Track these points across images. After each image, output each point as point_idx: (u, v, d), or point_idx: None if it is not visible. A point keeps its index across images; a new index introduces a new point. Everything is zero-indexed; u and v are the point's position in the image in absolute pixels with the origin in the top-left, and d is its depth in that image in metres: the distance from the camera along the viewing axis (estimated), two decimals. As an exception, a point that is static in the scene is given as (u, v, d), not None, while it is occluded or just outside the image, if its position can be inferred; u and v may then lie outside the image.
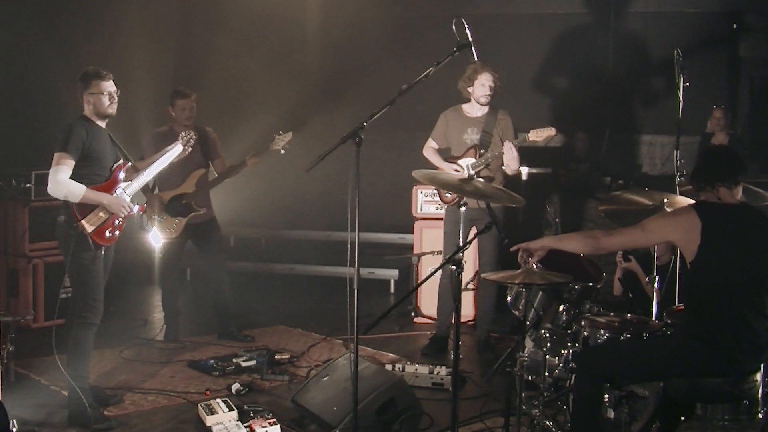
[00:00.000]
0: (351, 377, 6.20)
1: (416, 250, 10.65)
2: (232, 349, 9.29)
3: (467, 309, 10.33)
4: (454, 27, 6.01)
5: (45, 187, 9.61)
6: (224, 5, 13.25)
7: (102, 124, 7.22)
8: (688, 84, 7.65)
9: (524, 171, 11.34)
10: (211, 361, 8.62)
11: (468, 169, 8.93)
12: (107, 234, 7.18)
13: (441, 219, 9.48)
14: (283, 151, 9.34)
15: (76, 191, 6.94)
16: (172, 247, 9.59)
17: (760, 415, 6.11)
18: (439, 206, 10.26)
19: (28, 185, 9.97)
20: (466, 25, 6.00)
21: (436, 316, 9.64)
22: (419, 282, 8.02)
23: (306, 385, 7.37)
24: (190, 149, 7.88)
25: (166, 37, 12.98)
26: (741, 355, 5.51)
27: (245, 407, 7.17)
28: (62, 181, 6.89)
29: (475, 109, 9.09)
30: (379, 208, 11.72)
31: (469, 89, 9.01)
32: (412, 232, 10.95)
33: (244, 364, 8.60)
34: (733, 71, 12.50)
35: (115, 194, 7.19)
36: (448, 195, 9.05)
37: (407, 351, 9.52)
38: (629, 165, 12.46)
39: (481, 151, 8.95)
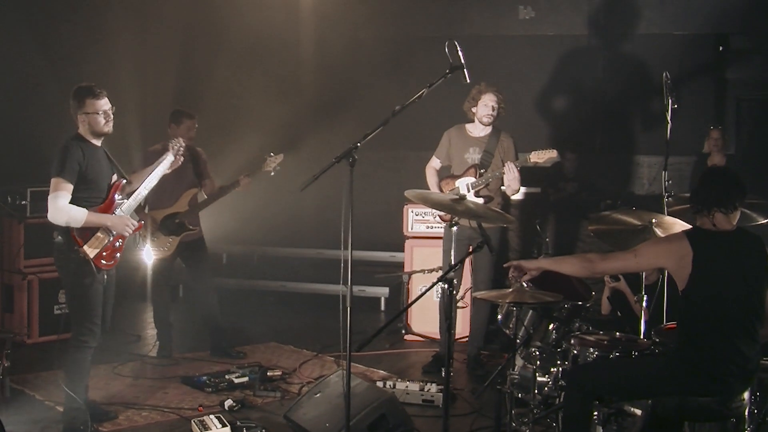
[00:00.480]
0: (344, 394, 6.24)
1: (407, 269, 10.66)
2: (224, 365, 9.27)
3: (461, 327, 10.27)
4: (446, 49, 6.03)
5: (40, 203, 9.81)
6: (220, 26, 13.29)
7: (98, 142, 7.11)
8: (676, 106, 7.68)
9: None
10: (204, 378, 8.62)
11: (468, 189, 8.95)
12: (108, 257, 7.11)
13: (431, 238, 9.56)
14: (273, 173, 9.38)
15: (78, 216, 6.83)
16: (162, 265, 9.58)
17: (747, 430, 6.18)
18: (429, 225, 10.31)
19: (23, 202, 9.98)
20: (458, 48, 6.01)
21: (428, 334, 9.65)
22: (411, 300, 8.04)
23: (298, 401, 7.37)
24: (181, 159, 7.68)
25: (160, 58, 12.99)
26: (731, 379, 5.52)
27: (238, 423, 7.18)
28: (63, 207, 6.78)
29: (478, 129, 9.13)
30: (370, 226, 11.71)
31: (473, 109, 9.04)
32: (403, 251, 10.95)
33: (236, 381, 8.59)
34: (720, 93, 12.56)
35: (114, 214, 7.13)
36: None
37: (398, 368, 9.52)
38: (617, 185, 12.50)
39: (482, 171, 8.98)
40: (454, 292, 8.95)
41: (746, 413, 5.97)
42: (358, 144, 5.85)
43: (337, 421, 6.66)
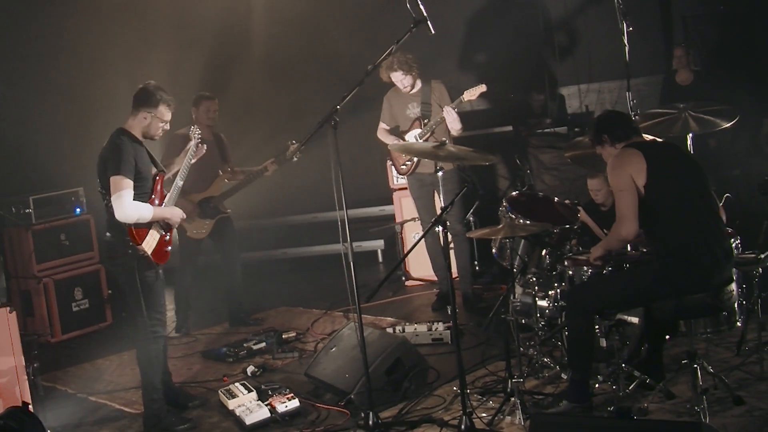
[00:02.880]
0: (358, 344, 6.22)
1: (398, 219, 10.61)
2: (241, 335, 9.24)
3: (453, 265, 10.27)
4: (408, 5, 5.94)
5: (43, 209, 9.74)
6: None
7: (141, 140, 6.85)
8: (631, 29, 7.61)
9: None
10: (224, 349, 8.58)
11: (415, 139, 8.89)
12: (163, 252, 6.91)
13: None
14: (296, 159, 9.27)
15: (146, 213, 6.65)
16: (191, 245, 9.55)
17: (739, 323, 6.19)
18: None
19: (27, 210, 9.82)
20: (419, 1, 5.93)
21: (427, 278, 9.61)
22: (410, 248, 7.86)
23: (316, 358, 7.36)
24: (204, 145, 7.56)
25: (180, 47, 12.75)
26: (714, 258, 5.59)
27: (263, 387, 7.09)
28: (132, 205, 6.53)
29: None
30: (356, 184, 11.67)
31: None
32: (392, 203, 10.92)
33: (255, 347, 8.56)
34: (665, 12, 12.44)
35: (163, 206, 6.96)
36: (403, 167, 9.03)
37: (404, 313, 9.50)
38: (583, 114, 12.39)
39: (425, 121, 8.92)
40: (432, 234, 9.03)
41: (736, 306, 5.99)
42: (338, 107, 5.78)
43: (355, 371, 6.65)
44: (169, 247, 7.02)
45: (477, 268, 10.24)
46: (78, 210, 10.31)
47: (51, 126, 10.89)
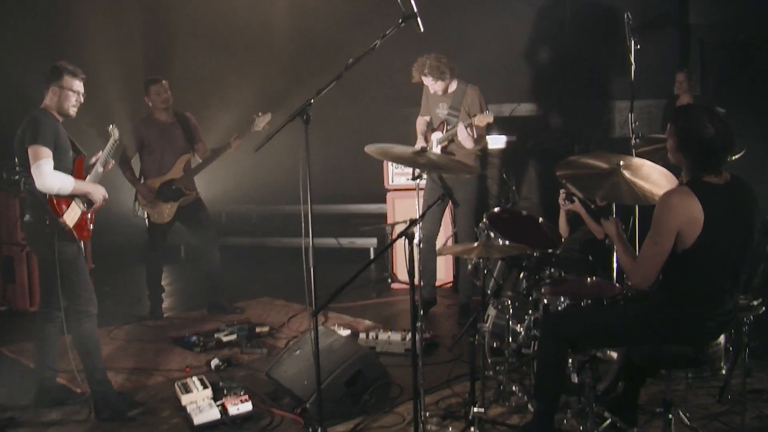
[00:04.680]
0: (321, 351, 5.56)
1: (389, 220, 9.94)
2: (216, 323, 8.60)
3: (444, 273, 9.72)
4: (398, -1, 5.22)
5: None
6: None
7: (60, 119, 6.24)
8: (639, 47, 6.89)
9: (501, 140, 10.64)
10: (194, 338, 7.92)
11: (436, 143, 8.29)
12: (85, 228, 6.30)
13: (412, 189, 8.67)
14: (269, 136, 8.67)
15: (68, 183, 6.05)
16: (159, 229, 8.96)
17: (723, 371, 5.45)
18: (409, 178, 9.51)
19: (16, 177, 9.18)
20: (410, -5, 5.20)
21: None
22: (380, 251, 7.08)
23: (279, 359, 6.67)
24: (117, 139, 6.75)
25: (133, 33, 12.10)
26: (711, 322, 4.76)
27: (220, 384, 6.43)
28: (51, 174, 5.92)
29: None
30: (360, 179, 11.02)
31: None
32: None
33: (224, 339, 7.90)
34: (684, 37, 11.78)
35: None
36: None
37: (384, 317, 8.82)
38: (591, 130, 11.73)
39: (448, 127, 8.24)
40: (428, 241, 8.35)
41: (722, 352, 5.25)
42: (311, 101, 5.09)
43: (315, 378, 5.90)
44: (91, 225, 6.41)
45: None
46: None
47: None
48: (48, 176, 5.90)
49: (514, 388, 5.98)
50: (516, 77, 11.98)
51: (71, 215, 6.13)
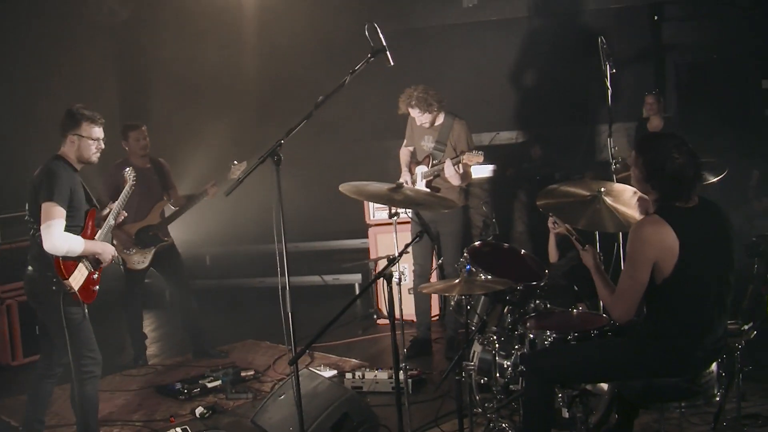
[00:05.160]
0: (304, 396, 5.35)
1: (372, 255, 9.70)
2: (201, 368, 8.32)
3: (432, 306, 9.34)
4: (366, 32, 5.03)
5: (9, 229, 8.84)
6: (160, 42, 12.19)
7: (78, 167, 5.96)
8: (614, 71, 6.71)
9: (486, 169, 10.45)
10: (178, 385, 7.64)
11: (420, 177, 8.06)
12: (90, 291, 5.98)
13: (405, 222, 8.43)
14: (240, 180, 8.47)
15: (77, 245, 5.72)
16: (136, 276, 8.71)
17: (717, 398, 5.21)
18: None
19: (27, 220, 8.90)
20: (378, 30, 5.01)
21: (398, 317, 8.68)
22: (360, 291, 6.76)
23: (264, 404, 6.40)
24: (134, 184, 6.54)
25: (107, 77, 11.88)
26: (701, 352, 4.55)
27: (203, 434, 6.20)
28: (61, 236, 5.60)
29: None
30: (343, 214, 10.79)
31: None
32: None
33: (209, 385, 7.62)
34: (659, 59, 11.66)
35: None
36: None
37: (371, 354, 8.58)
38: (576, 157, 11.57)
39: (434, 162, 8.00)
40: (421, 278, 8.13)
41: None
42: (282, 141, 4.89)
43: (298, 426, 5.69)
44: (97, 287, 6.08)
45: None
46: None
47: (21, 145, 10.01)
48: (57, 239, 5.59)
49: (503, 425, 5.73)
50: (494, 105, 11.81)
51: (77, 278, 5.83)
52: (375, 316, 9.73)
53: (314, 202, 11.31)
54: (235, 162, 8.53)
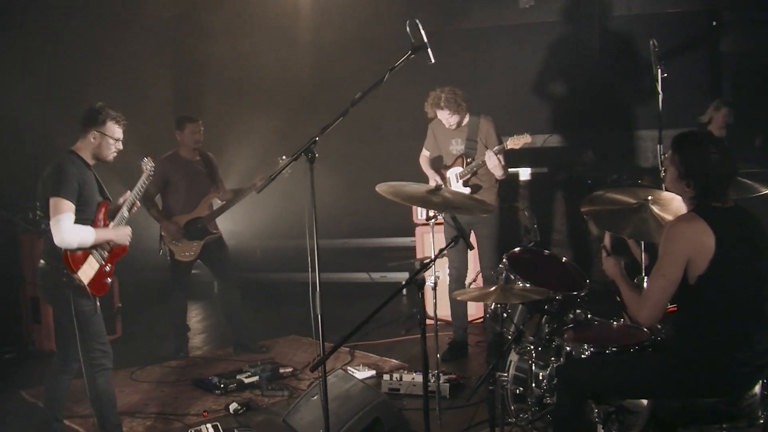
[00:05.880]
0: (338, 396, 5.20)
1: (419, 255, 9.42)
2: (240, 363, 8.13)
3: (475, 308, 9.16)
4: (408, 29, 4.74)
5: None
6: (212, 38, 12.04)
7: (91, 162, 5.81)
8: (666, 75, 6.36)
9: (527, 172, 10.15)
10: (215, 379, 7.44)
11: (456, 179, 7.80)
12: (101, 283, 5.80)
13: (441, 224, 8.18)
14: (287, 174, 8.26)
15: (88, 237, 5.58)
16: (181, 268, 8.54)
17: (761, 420, 4.84)
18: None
19: (38, 216, 8.77)
20: (420, 26, 4.72)
21: (443, 318, 8.45)
22: (391, 295, 6.33)
23: (297, 404, 6.16)
24: (152, 176, 6.33)
25: (159, 75, 11.72)
26: (741, 374, 4.22)
27: (235, 430, 6.02)
28: (71, 230, 5.46)
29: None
30: (394, 211, 10.54)
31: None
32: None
33: (246, 381, 7.43)
34: (714, 66, 11.22)
35: None
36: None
37: (411, 355, 8.29)
38: (626, 161, 11.20)
39: (468, 160, 7.78)
40: (457, 281, 7.84)
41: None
42: (316, 138, 4.64)
43: (331, 426, 5.40)
44: (109, 279, 5.89)
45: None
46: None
47: (68, 131, 9.97)
48: (67, 233, 5.45)
49: (538, 437, 5.44)
50: (546, 107, 11.46)
51: (87, 271, 5.66)
52: (419, 316, 9.42)
53: (363, 199, 11.06)
54: (284, 157, 8.31)
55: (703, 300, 4.23)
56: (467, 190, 7.70)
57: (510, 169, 8.02)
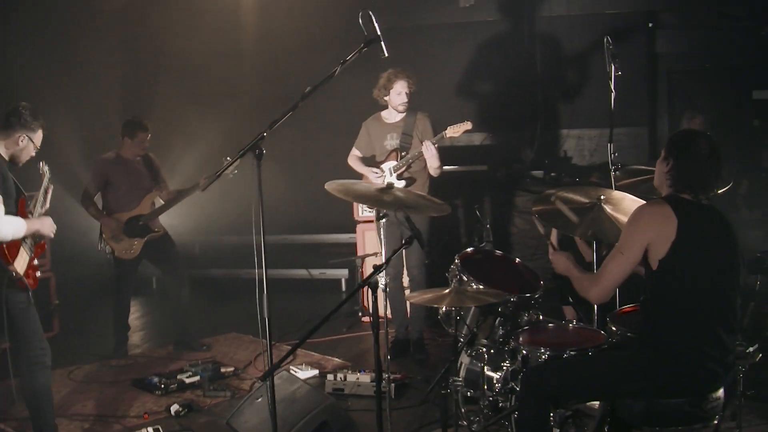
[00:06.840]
0: (283, 399, 4.90)
1: (359, 252, 9.11)
2: (181, 363, 7.76)
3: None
4: (360, 21, 4.43)
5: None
6: (159, 38, 11.60)
7: (6, 160, 5.46)
8: (620, 73, 6.14)
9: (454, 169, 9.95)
10: (155, 379, 7.06)
11: (390, 172, 7.54)
12: (33, 275, 5.48)
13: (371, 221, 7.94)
14: (231, 175, 7.92)
15: (21, 226, 5.26)
16: (125, 265, 8.18)
17: (715, 420, 4.63)
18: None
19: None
20: (373, 19, 4.41)
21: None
22: (344, 300, 6.05)
23: (240, 406, 5.79)
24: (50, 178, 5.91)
25: (102, 72, 11.24)
26: (707, 372, 4.03)
27: (175, 436, 5.63)
28: (6, 220, 5.14)
29: (393, 115, 7.75)
30: (333, 208, 10.23)
31: (386, 98, 7.67)
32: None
33: (187, 381, 7.06)
34: (651, 66, 11.10)
35: None
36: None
37: (355, 353, 8.02)
38: (560, 159, 11.03)
39: (403, 153, 7.56)
40: (394, 281, 7.57)
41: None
42: (264, 134, 4.31)
43: (277, 430, 5.09)
44: (38, 272, 5.61)
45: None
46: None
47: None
48: (3, 224, 5.12)
49: (490, 440, 5.17)
50: (483, 106, 11.23)
51: (20, 262, 5.34)
52: (360, 314, 9.13)
53: (304, 195, 10.76)
54: (228, 157, 7.95)
55: (666, 286, 4.07)
56: (401, 183, 7.46)
57: (447, 167, 7.79)
